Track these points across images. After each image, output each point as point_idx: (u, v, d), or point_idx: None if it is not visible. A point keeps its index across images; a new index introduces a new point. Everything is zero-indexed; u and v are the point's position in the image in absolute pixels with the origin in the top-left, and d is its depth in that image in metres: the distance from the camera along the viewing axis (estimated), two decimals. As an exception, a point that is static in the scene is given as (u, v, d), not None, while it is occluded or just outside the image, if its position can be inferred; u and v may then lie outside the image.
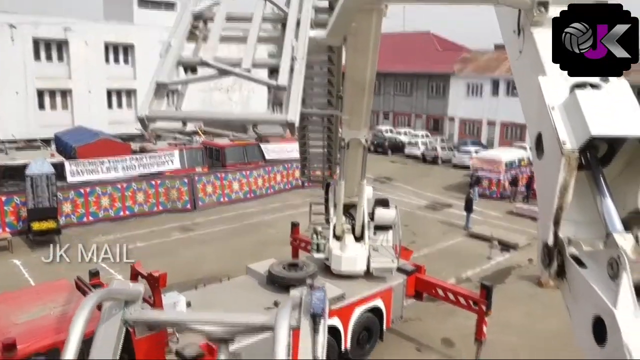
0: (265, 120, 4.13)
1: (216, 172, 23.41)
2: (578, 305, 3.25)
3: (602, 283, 2.97)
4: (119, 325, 3.48)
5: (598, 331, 2.93)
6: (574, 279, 3.27)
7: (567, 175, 3.16)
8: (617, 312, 2.77)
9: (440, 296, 11.19)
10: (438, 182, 30.40)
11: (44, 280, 14.53)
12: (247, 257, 16.47)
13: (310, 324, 3.37)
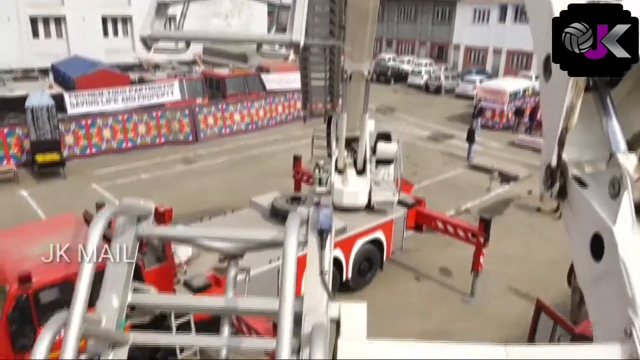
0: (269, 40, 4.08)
1: (217, 104, 23.16)
2: (577, 224, 3.40)
3: (602, 202, 3.09)
4: (132, 241, 3.56)
5: (595, 248, 3.09)
6: (575, 199, 3.42)
7: (574, 96, 3.22)
8: (616, 228, 2.90)
9: (440, 229, 11.46)
10: (440, 113, 30.17)
11: (51, 211, 14.92)
12: (250, 189, 16.73)
13: (318, 240, 3.47)
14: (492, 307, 10.78)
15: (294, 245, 2.98)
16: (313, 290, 3.34)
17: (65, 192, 16.72)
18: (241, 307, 3.75)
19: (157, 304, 3.82)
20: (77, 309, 2.64)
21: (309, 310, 3.25)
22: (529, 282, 11.97)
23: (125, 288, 3.44)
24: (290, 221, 3.13)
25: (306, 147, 15.52)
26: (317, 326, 3.10)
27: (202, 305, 4.16)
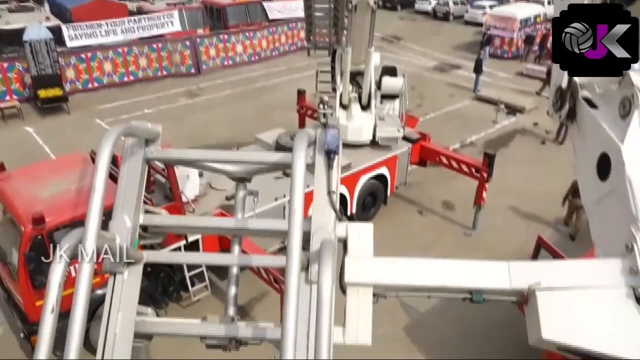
0: None
1: (219, 34, 22.57)
2: (585, 145, 3.51)
3: (612, 122, 3.19)
4: (141, 163, 3.62)
5: (602, 168, 3.22)
6: (584, 120, 3.52)
7: None
8: (624, 147, 3.01)
9: (444, 164, 11.52)
10: (448, 41, 29.30)
11: (57, 147, 15.06)
12: (254, 123, 16.72)
13: (325, 161, 3.52)
14: (493, 240, 11.06)
15: (302, 164, 2.99)
16: (321, 209, 3.42)
17: (70, 127, 16.74)
18: (251, 227, 3.84)
19: (169, 224, 3.92)
20: (93, 222, 2.68)
21: (317, 228, 3.34)
22: (531, 214, 12.18)
23: (137, 210, 3.53)
24: (298, 141, 3.13)
25: (310, 79, 15.26)
26: (326, 242, 3.17)
27: (213, 226, 4.28)
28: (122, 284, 3.39)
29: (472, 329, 8.71)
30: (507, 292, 3.26)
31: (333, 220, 3.45)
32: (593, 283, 3.00)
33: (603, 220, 3.32)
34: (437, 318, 8.93)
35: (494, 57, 25.29)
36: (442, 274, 3.36)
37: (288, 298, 2.58)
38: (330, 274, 2.83)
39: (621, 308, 2.91)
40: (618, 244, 3.06)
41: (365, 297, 3.44)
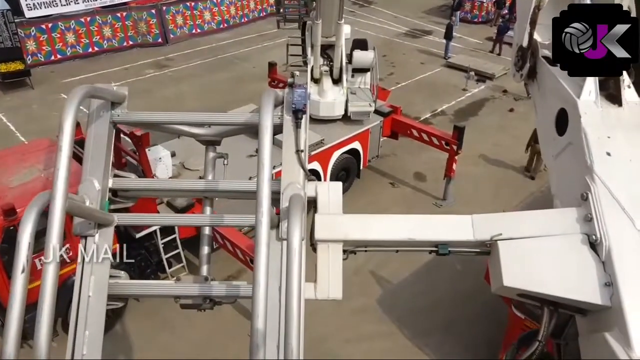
0: None
1: (185, 1, 21.86)
2: (545, 102, 3.69)
3: (569, 79, 3.36)
4: (108, 126, 3.62)
5: (560, 123, 3.41)
6: (544, 77, 3.67)
7: None
8: (580, 100, 3.21)
9: (415, 136, 11.70)
10: (419, 4, 29.04)
11: (22, 126, 14.69)
12: (226, 95, 16.57)
13: (293, 120, 3.59)
14: (463, 209, 11.39)
15: (269, 122, 3.03)
16: (290, 167, 3.51)
17: (35, 103, 16.26)
18: (221, 188, 3.87)
19: (138, 187, 3.97)
20: (60, 183, 2.66)
21: (287, 186, 3.43)
22: (499, 183, 12.56)
23: (106, 173, 3.55)
24: (264, 100, 3.16)
25: (281, 46, 15.04)
26: (295, 196, 3.28)
27: (183, 188, 4.29)
28: (94, 245, 3.44)
29: (440, 299, 9.10)
30: (471, 244, 3.40)
31: (302, 178, 3.53)
32: (550, 231, 3.19)
33: (561, 173, 3.51)
34: (406, 290, 9.29)
35: (464, 21, 25.29)
36: (409, 227, 3.48)
37: (258, 254, 2.64)
38: (299, 228, 2.87)
39: (576, 254, 3.11)
40: (574, 194, 3.25)
41: (335, 253, 3.53)
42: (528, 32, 3.64)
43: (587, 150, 3.11)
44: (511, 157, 13.41)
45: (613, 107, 3.16)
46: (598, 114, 3.14)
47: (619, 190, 3.06)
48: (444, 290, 9.18)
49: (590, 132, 3.10)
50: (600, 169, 3.07)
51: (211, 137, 4.18)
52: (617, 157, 3.09)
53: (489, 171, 13.05)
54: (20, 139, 14.03)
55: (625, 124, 3.14)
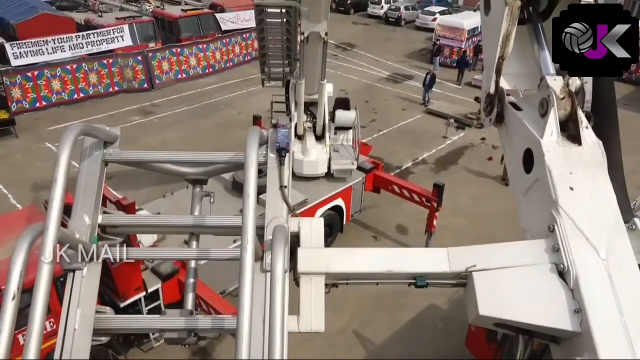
0: None
1: (171, 48, 22.28)
2: (512, 143, 3.91)
3: (533, 121, 3.58)
4: (100, 164, 3.74)
5: (527, 162, 3.62)
6: (510, 121, 3.90)
7: (509, 24, 3.60)
8: (543, 140, 3.42)
9: (396, 192, 11.99)
10: (400, 48, 29.96)
11: (5, 176, 14.68)
12: (211, 142, 16.83)
13: (277, 157, 3.79)
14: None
15: (254, 160, 3.18)
16: (274, 203, 3.69)
17: (19, 153, 16.28)
18: (208, 223, 3.94)
19: (127, 223, 4.04)
20: (54, 215, 2.73)
21: (270, 220, 3.58)
22: (479, 235, 12.83)
23: (96, 209, 3.64)
24: (250, 136, 3.34)
25: (265, 92, 15.26)
26: (278, 228, 3.39)
27: (170, 224, 4.28)
28: (81, 280, 3.47)
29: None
30: (447, 275, 3.53)
31: (286, 213, 3.71)
32: (522, 262, 3.36)
33: (529, 209, 3.69)
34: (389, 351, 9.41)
35: (443, 65, 26.12)
36: (388, 260, 3.59)
37: (243, 287, 2.72)
38: (282, 258, 2.98)
39: (546, 282, 3.26)
40: (542, 227, 3.42)
41: (317, 285, 3.60)
42: (494, 80, 3.92)
43: (552, 185, 3.30)
44: (490, 209, 13.75)
45: (574, 146, 3.38)
46: (560, 153, 3.35)
47: (582, 221, 3.25)
48: (426, 350, 9.32)
49: (554, 169, 3.31)
50: (565, 203, 3.27)
51: (198, 176, 4.34)
52: (580, 191, 3.30)
53: (469, 223, 13.34)
54: (2, 192, 14.04)
55: (585, 161, 3.36)
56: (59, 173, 2.92)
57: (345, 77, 24.28)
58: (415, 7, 37.07)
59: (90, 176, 3.71)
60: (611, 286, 3.11)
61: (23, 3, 22.02)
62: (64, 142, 2.99)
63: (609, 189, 3.31)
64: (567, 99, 3.39)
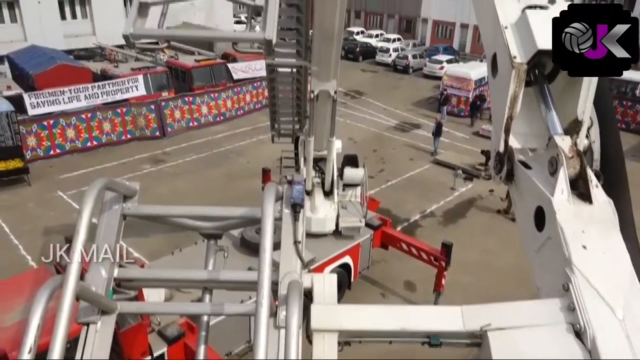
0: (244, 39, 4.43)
1: (183, 97, 22.81)
2: (523, 202, 3.89)
3: (543, 179, 3.57)
4: (119, 218, 3.80)
5: (538, 220, 3.59)
6: (520, 180, 3.90)
7: (516, 86, 3.65)
8: (554, 199, 3.40)
9: (404, 250, 11.96)
10: (408, 96, 30.44)
11: (17, 226, 14.82)
12: (220, 192, 16.99)
13: (292, 213, 3.82)
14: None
15: (271, 217, 3.24)
16: (288, 258, 3.68)
17: (31, 202, 16.50)
18: (222, 278, 3.97)
19: (142, 277, 4.05)
20: (74, 267, 2.82)
21: (285, 275, 3.55)
22: (488, 292, 12.67)
23: (112, 263, 3.66)
24: (267, 193, 3.46)
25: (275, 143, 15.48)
26: (293, 283, 3.39)
27: (185, 278, 4.34)
28: (95, 333, 3.48)
29: None
30: (461, 335, 3.46)
31: (300, 268, 3.70)
32: (538, 321, 3.29)
33: (543, 267, 3.63)
34: None
35: (451, 114, 26.43)
36: (401, 318, 3.55)
37: (257, 343, 2.70)
38: (297, 313, 2.98)
39: (563, 343, 3.17)
40: (556, 286, 3.35)
41: (330, 343, 3.54)
42: (503, 139, 3.96)
43: (565, 243, 3.27)
44: (499, 264, 13.63)
45: (585, 205, 3.37)
46: (572, 211, 3.33)
47: (597, 280, 3.20)
48: None
49: (565, 227, 3.28)
50: (578, 261, 3.22)
51: (213, 230, 4.41)
52: (593, 250, 3.26)
53: (478, 280, 13.19)
54: (13, 242, 14.16)
55: (597, 220, 3.34)
56: (81, 226, 3.02)
57: (354, 125, 24.62)
58: (423, 55, 37.83)
59: (109, 229, 3.79)
60: (630, 347, 3.05)
61: (43, 54, 22.78)
62: (88, 197, 3.11)
63: (622, 248, 3.31)
64: (576, 157, 3.42)
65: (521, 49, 3.56)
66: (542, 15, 3.59)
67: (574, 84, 3.72)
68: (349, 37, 41.53)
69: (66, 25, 29.04)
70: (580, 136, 3.63)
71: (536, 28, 3.52)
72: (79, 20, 29.73)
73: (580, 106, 3.66)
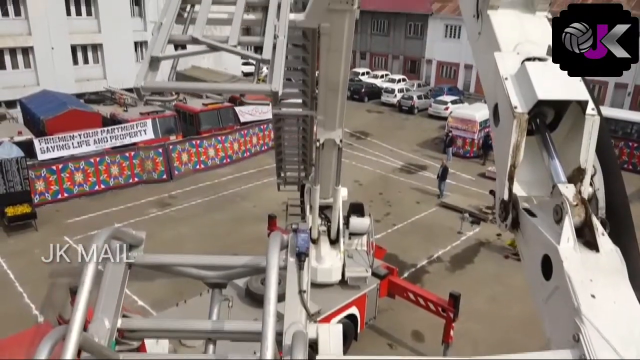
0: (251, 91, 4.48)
1: (191, 140, 23.10)
2: (529, 250, 3.83)
3: (549, 227, 3.53)
4: (124, 268, 3.79)
5: (545, 268, 3.52)
6: (526, 227, 3.85)
7: (518, 135, 3.68)
8: (560, 247, 3.34)
9: (411, 300, 11.79)
10: (414, 137, 30.64)
11: (22, 273, 14.78)
12: (225, 238, 16.94)
13: (297, 262, 3.78)
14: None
15: (275, 267, 3.25)
16: (293, 308, 3.62)
17: (37, 247, 16.49)
18: (227, 328, 3.94)
19: (145, 328, 4.00)
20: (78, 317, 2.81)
21: (290, 325, 3.48)
22: (497, 343, 12.42)
23: (116, 313, 3.64)
24: (272, 242, 3.47)
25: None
26: (297, 333, 3.32)
27: (189, 328, 4.30)
28: None
29: None
30: None
31: (304, 318, 3.65)
32: None
33: (552, 317, 3.56)
34: None
35: (457, 156, 26.53)
36: None
37: None
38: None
39: None
40: (567, 336, 3.26)
41: None
42: (507, 187, 3.94)
43: (573, 292, 3.20)
44: (509, 312, 13.39)
45: (591, 253, 3.32)
46: (578, 259, 3.28)
47: (607, 331, 3.11)
48: None
49: (573, 276, 3.22)
50: (588, 311, 3.15)
51: (218, 279, 4.38)
52: (602, 299, 3.20)
53: (487, 329, 12.94)
54: (18, 290, 14.12)
55: (604, 269, 3.29)
56: (87, 276, 3.07)
57: (360, 167, 24.71)
58: (428, 95, 38.29)
59: (113, 279, 3.80)
60: None
61: (54, 99, 23.26)
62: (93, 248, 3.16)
63: (632, 297, 3.25)
64: (581, 205, 3.41)
65: (522, 99, 3.65)
66: (541, 67, 3.71)
67: (576, 132, 3.77)
68: (355, 78, 42.15)
69: (78, 69, 29.74)
70: (584, 184, 3.65)
71: (536, 79, 3.62)
72: (90, 65, 30.47)
73: (583, 154, 3.70)
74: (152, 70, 3.69)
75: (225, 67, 34.11)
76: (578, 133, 3.72)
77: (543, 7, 4.44)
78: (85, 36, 29.57)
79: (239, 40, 3.98)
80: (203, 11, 4.23)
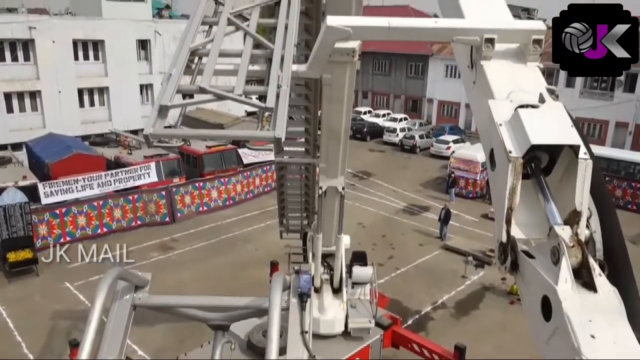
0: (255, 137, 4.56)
1: (194, 182, 23.22)
2: (529, 291, 3.84)
3: (547, 269, 3.54)
4: (129, 309, 3.88)
5: (545, 310, 3.51)
6: (525, 269, 3.86)
7: (514, 179, 3.74)
8: (558, 288, 3.34)
9: (416, 351, 11.56)
10: (416, 177, 30.73)
11: (21, 321, 14.63)
12: (226, 282, 16.83)
13: (299, 303, 3.88)
14: None
15: (278, 308, 3.35)
16: (295, 348, 3.68)
17: (38, 293, 16.42)
18: None
19: None
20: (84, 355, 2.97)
21: None
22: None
23: (120, 354, 3.67)
24: (275, 282, 3.54)
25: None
26: None
27: None
28: None
29: None
30: None
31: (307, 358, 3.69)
32: None
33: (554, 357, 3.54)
34: None
35: (459, 196, 26.54)
36: None
37: None
38: None
39: None
40: None
41: None
42: (505, 229, 3.97)
43: (573, 333, 3.19)
44: (515, 362, 13.11)
45: (589, 294, 3.35)
46: (577, 300, 3.29)
47: None
48: None
49: (572, 316, 3.22)
50: (588, 352, 3.13)
51: (220, 321, 4.47)
52: (602, 340, 3.19)
53: (494, 380, 12.67)
54: (17, 339, 13.94)
55: (603, 309, 3.31)
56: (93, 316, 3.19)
57: (363, 209, 24.70)
58: (429, 134, 38.60)
59: (118, 320, 3.87)
60: None
61: (59, 142, 23.55)
62: (100, 289, 3.28)
63: (631, 338, 3.25)
64: (577, 247, 3.47)
65: (516, 144, 3.75)
66: (533, 113, 3.82)
67: (570, 176, 3.86)
68: (357, 117, 42.61)
69: (84, 112, 30.23)
70: (581, 226, 3.70)
71: (528, 125, 3.72)
72: (96, 107, 30.98)
73: (578, 197, 3.77)
74: (161, 117, 3.80)
75: (228, 108, 34.55)
76: (572, 176, 3.83)
77: (534, 57, 4.63)
78: (92, 80, 30.20)
79: (244, 89, 4.11)
80: (210, 63, 4.39)
